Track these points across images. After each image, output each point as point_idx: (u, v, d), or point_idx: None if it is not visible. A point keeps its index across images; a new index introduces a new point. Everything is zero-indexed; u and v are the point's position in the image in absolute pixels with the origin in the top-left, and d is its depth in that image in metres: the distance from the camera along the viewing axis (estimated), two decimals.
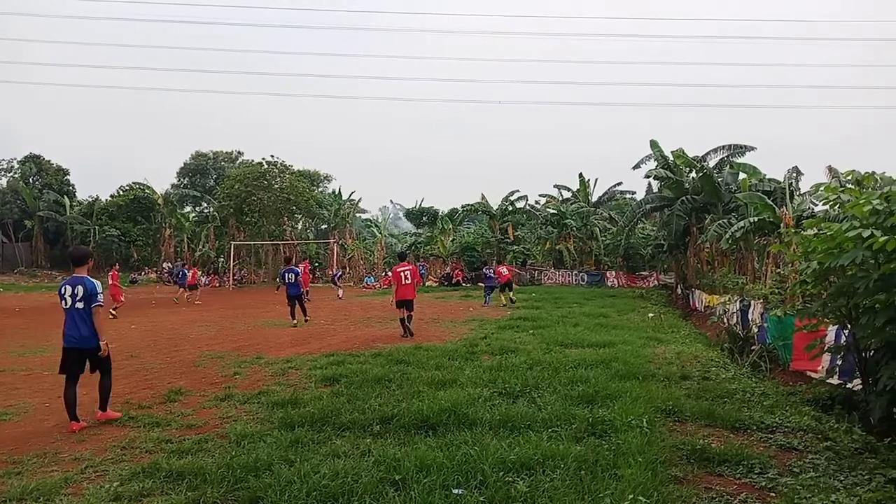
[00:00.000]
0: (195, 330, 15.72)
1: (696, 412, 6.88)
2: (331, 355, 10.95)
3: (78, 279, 6.93)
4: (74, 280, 6.93)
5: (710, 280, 24.08)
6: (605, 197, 45.00)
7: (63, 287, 6.96)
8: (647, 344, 12.46)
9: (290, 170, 44.47)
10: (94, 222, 45.86)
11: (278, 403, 7.33)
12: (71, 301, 6.83)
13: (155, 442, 5.96)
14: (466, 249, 42.93)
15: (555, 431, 5.98)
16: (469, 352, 11.11)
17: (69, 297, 6.85)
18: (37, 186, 48.52)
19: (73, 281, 6.93)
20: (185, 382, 8.87)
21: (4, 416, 7.14)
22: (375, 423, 6.32)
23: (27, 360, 10.95)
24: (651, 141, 30.53)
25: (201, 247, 47.26)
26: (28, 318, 19.27)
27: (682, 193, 28.28)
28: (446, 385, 8.09)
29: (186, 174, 59.16)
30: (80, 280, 6.91)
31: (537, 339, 13.00)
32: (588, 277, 39.06)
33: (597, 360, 9.92)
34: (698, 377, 9.05)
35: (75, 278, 6.96)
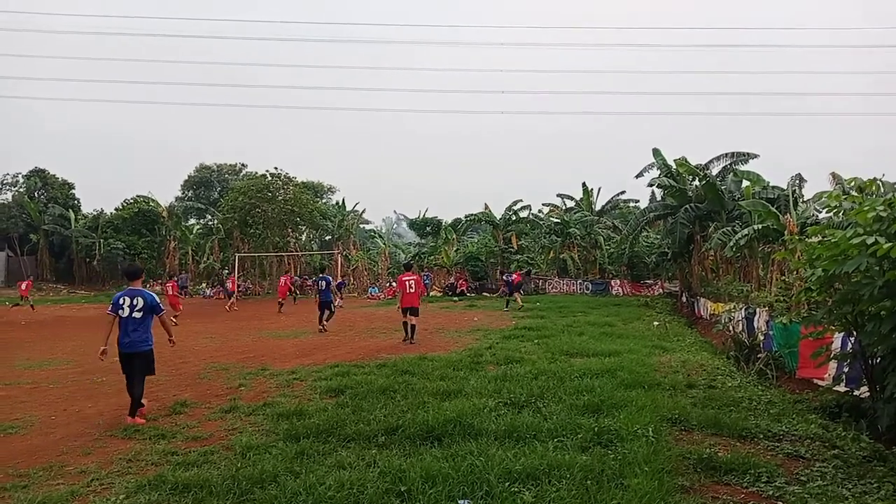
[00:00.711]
0: (200, 342, 15.73)
1: (702, 421, 6.86)
2: (336, 366, 10.95)
3: (136, 291, 7.66)
4: (132, 292, 7.63)
5: (715, 288, 24.01)
6: (608, 206, 44.97)
7: (122, 298, 7.59)
8: (652, 352, 12.44)
9: (294, 181, 44.59)
10: (100, 235, 45.98)
11: (283, 415, 7.33)
12: (129, 311, 7.53)
13: (161, 454, 5.96)
14: (470, 259, 42.93)
15: (560, 441, 5.97)
16: (474, 362, 11.10)
17: (128, 307, 7.53)
18: (42, 200, 48.72)
19: (131, 293, 7.62)
20: (191, 394, 8.87)
21: (10, 429, 7.14)
22: (381, 434, 6.31)
23: (33, 374, 10.97)
24: (654, 149, 30.56)
25: (206, 259, 47.35)
26: (33, 332, 19.31)
27: (685, 201, 28.26)
28: (451, 395, 8.09)
29: (191, 187, 59.37)
30: (139, 292, 7.67)
31: (542, 348, 12.98)
32: (592, 286, 38.99)
33: (602, 369, 9.91)
34: (704, 385, 9.02)
35: (133, 290, 7.66)
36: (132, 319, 7.53)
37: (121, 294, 7.69)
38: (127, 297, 7.60)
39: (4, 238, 46.22)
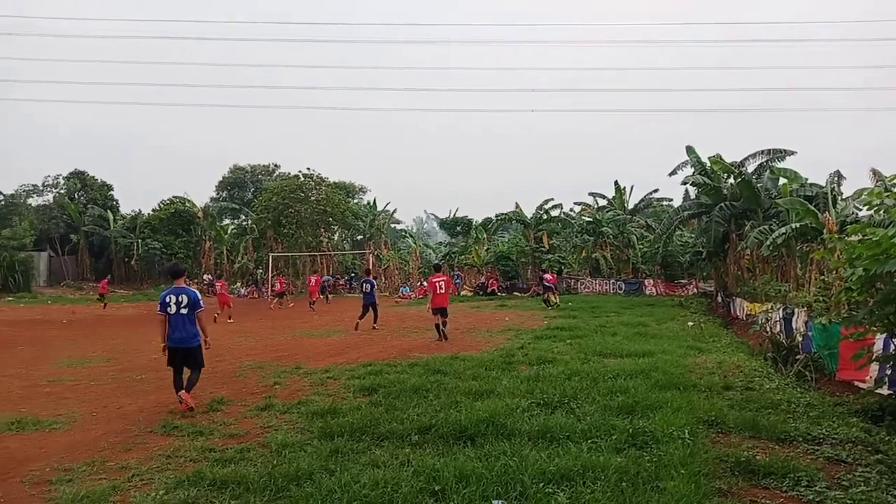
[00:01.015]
0: (235, 340, 15.97)
1: (739, 423, 6.75)
2: (368, 365, 11.04)
3: (180, 289, 8.05)
4: (177, 290, 8.03)
5: (752, 288, 23.58)
6: (641, 204, 44.50)
7: (168, 296, 7.99)
8: (687, 353, 12.28)
9: (326, 182, 45.00)
10: (137, 236, 46.95)
11: (318, 413, 7.42)
12: (176, 308, 7.93)
13: (199, 451, 6.07)
14: (501, 259, 42.84)
15: (594, 442, 5.93)
16: (506, 362, 11.08)
17: (174, 304, 7.93)
18: (82, 202, 49.85)
19: (176, 291, 8.03)
20: (227, 392, 9.02)
21: (54, 424, 7.33)
22: (414, 433, 6.34)
23: (74, 371, 11.25)
24: (687, 147, 30.11)
25: (240, 258, 48.02)
26: (74, 330, 19.80)
27: (720, 199, 27.81)
28: (484, 395, 8.09)
29: (225, 187, 60.24)
30: (183, 290, 8.06)
31: (575, 349, 12.90)
32: (625, 286, 38.63)
33: (636, 370, 9.81)
34: (741, 387, 8.88)
35: (177, 289, 8.06)
36: (179, 316, 7.95)
37: (167, 293, 8.08)
38: (172, 294, 7.99)
39: (46, 238, 47.40)
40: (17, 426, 7.20)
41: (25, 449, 6.35)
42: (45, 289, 42.54)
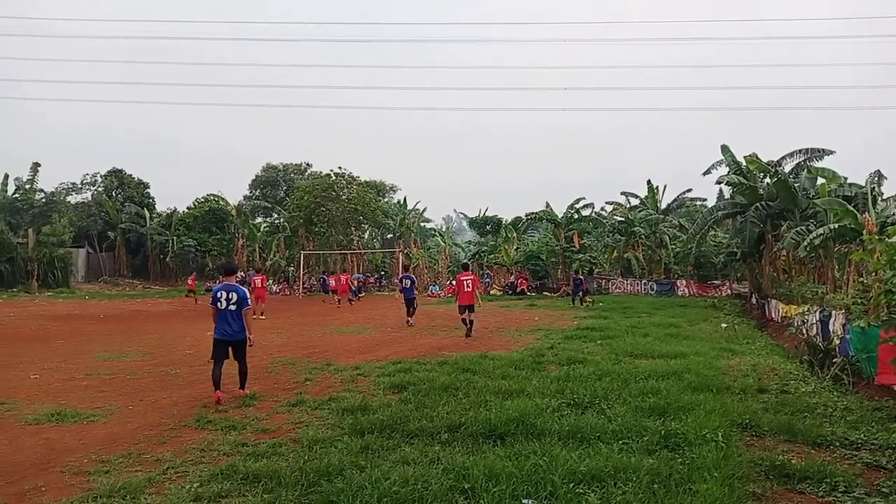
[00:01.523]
0: (267, 337, 16.15)
1: (774, 427, 6.65)
2: (398, 363, 11.09)
3: (231, 286, 8.59)
4: (228, 287, 8.56)
5: (787, 289, 23.13)
6: (674, 204, 43.92)
7: (219, 292, 8.50)
8: (720, 355, 12.11)
9: (357, 181, 45.24)
10: (172, 233, 47.76)
11: (348, 410, 7.48)
12: (226, 303, 8.42)
13: (232, 445, 6.17)
14: (531, 258, 42.64)
15: (626, 443, 5.89)
16: (536, 361, 11.05)
17: (224, 300, 8.43)
18: (119, 199, 50.87)
19: (227, 287, 8.55)
20: (259, 388, 9.13)
21: (92, 417, 7.50)
22: (443, 431, 6.36)
23: (111, 365, 11.49)
24: (722, 146, 29.63)
25: (272, 256, 48.57)
26: (111, 325, 20.22)
27: (755, 199, 27.32)
28: (513, 395, 8.08)
29: (258, 186, 60.95)
30: (234, 287, 8.60)
31: (605, 349, 12.80)
32: (657, 286, 38.18)
33: (668, 371, 9.71)
34: (776, 390, 8.74)
35: (228, 286, 8.59)
36: (229, 312, 8.43)
37: (218, 288, 8.60)
38: (223, 291, 8.50)
39: (84, 235, 48.45)
40: (57, 418, 7.39)
41: (65, 440, 6.52)
42: (83, 284, 43.53)
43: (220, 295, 8.46)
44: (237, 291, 8.54)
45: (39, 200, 45.75)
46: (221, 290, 8.52)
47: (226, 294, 8.46)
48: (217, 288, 8.64)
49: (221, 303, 8.42)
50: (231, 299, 8.43)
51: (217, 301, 8.44)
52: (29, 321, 20.97)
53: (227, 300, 8.42)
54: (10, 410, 7.82)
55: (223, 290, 8.50)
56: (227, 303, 8.42)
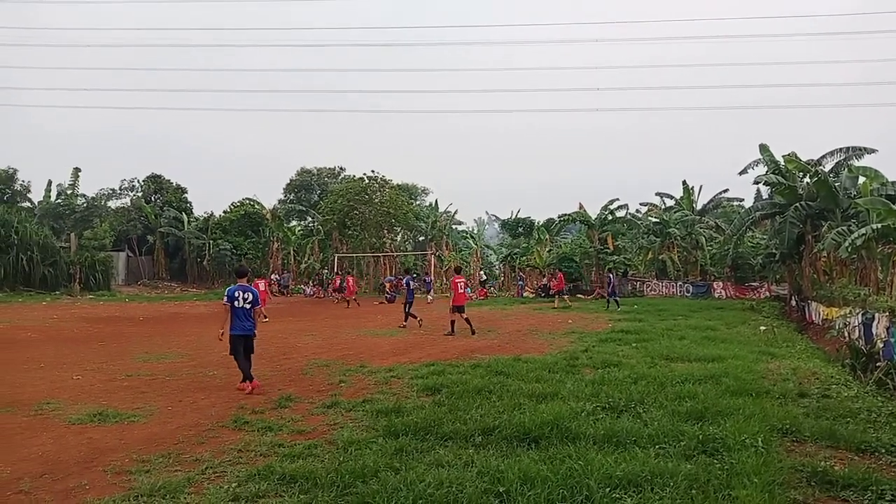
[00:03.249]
0: (302, 339, 16.34)
1: (815, 432, 6.50)
2: (431, 365, 11.11)
3: (246, 287, 9.56)
4: (244, 288, 9.51)
5: (829, 291, 22.61)
6: (710, 205, 43.27)
7: (236, 291, 9.39)
8: (759, 359, 11.88)
9: (390, 184, 45.53)
10: (209, 237, 48.56)
11: (382, 412, 7.52)
12: (242, 302, 9.34)
13: (268, 446, 6.25)
14: (564, 260, 42.34)
15: (662, 448, 5.81)
16: (570, 365, 10.97)
17: (242, 299, 9.35)
18: (158, 204, 51.96)
19: (242, 288, 9.49)
20: (295, 389, 9.24)
21: (133, 417, 7.66)
22: (477, 434, 6.35)
23: (151, 366, 11.71)
24: (761, 145, 29.10)
25: (306, 259, 49.10)
26: (151, 327, 20.63)
27: (795, 199, 26.77)
28: (547, 398, 8.03)
29: (292, 190, 61.67)
30: (248, 288, 9.58)
31: (641, 352, 12.66)
32: (693, 288, 37.62)
33: (705, 374, 9.56)
34: (817, 395, 8.54)
35: (243, 286, 9.53)
36: (244, 310, 9.37)
37: (234, 288, 9.46)
38: (240, 291, 9.40)
39: (125, 239, 49.61)
40: (100, 418, 7.56)
41: (107, 440, 6.67)
42: (123, 287, 44.49)
43: (238, 294, 9.35)
44: (252, 292, 9.53)
45: (81, 205, 47.04)
46: (238, 290, 9.42)
47: (242, 294, 9.39)
48: (233, 288, 9.48)
49: (239, 301, 9.31)
50: (247, 298, 9.40)
51: (234, 300, 9.29)
52: (71, 323, 21.49)
53: (243, 299, 9.36)
54: (55, 410, 8.03)
55: (239, 290, 9.41)
56: (244, 301, 9.37)
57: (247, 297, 9.41)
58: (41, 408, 8.13)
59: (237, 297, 9.33)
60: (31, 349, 14.37)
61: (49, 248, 38.74)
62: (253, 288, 9.72)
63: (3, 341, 15.91)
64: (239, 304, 9.32)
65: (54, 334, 17.85)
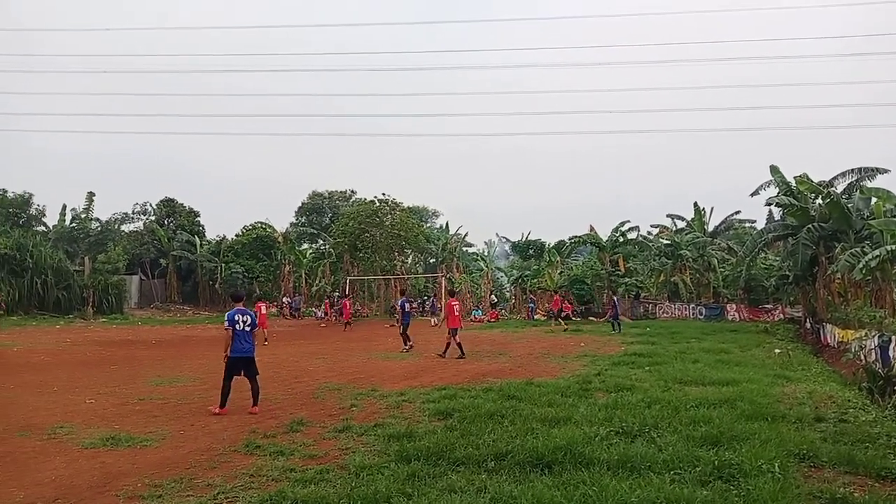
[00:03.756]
0: (313, 362, 16.33)
1: (833, 457, 6.41)
2: (443, 389, 11.07)
3: (245, 311, 9.88)
4: (243, 311, 9.83)
5: (843, 313, 22.38)
6: (722, 226, 43.13)
7: (236, 315, 9.68)
8: (774, 382, 11.75)
9: (401, 207, 45.72)
10: (221, 260, 48.82)
11: (394, 436, 7.49)
12: (243, 325, 9.66)
13: (280, 471, 6.23)
14: (575, 282, 42.18)
15: (678, 474, 5.75)
16: (582, 388, 10.90)
17: (242, 322, 9.66)
18: (171, 228, 52.38)
19: (242, 312, 9.80)
20: (306, 413, 9.22)
21: (145, 441, 7.67)
22: (490, 459, 6.31)
23: (163, 390, 11.74)
24: (771, 166, 29.10)
25: (318, 282, 49.20)
26: (163, 350, 20.70)
27: (807, 221, 26.65)
28: (560, 422, 7.98)
29: (304, 213, 62.00)
30: (247, 312, 9.93)
31: (654, 376, 12.56)
32: (706, 311, 37.34)
33: (720, 398, 9.47)
34: (834, 419, 8.42)
35: (242, 310, 9.85)
36: (245, 332, 9.69)
37: (234, 312, 9.74)
38: (239, 314, 9.71)
39: (137, 263, 49.94)
40: (112, 442, 7.58)
41: (119, 464, 6.68)
42: (135, 310, 44.70)
43: (237, 318, 9.65)
44: (250, 315, 9.91)
45: (95, 229, 47.47)
46: (237, 313, 9.71)
47: (241, 317, 9.69)
48: (232, 312, 9.76)
49: (239, 324, 9.62)
50: (246, 321, 9.74)
51: (235, 323, 9.58)
52: (84, 347, 21.61)
53: (243, 322, 9.68)
54: (68, 434, 8.06)
55: (239, 314, 9.71)
56: (244, 325, 9.69)
57: (246, 321, 9.75)
58: (55, 431, 8.16)
59: (237, 320, 9.63)
60: (44, 372, 14.46)
61: (63, 272, 39.08)
62: (251, 311, 10.14)
63: (18, 364, 16.02)
64: (239, 326, 9.64)
65: (67, 358, 17.95)
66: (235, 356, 9.58)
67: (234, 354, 9.57)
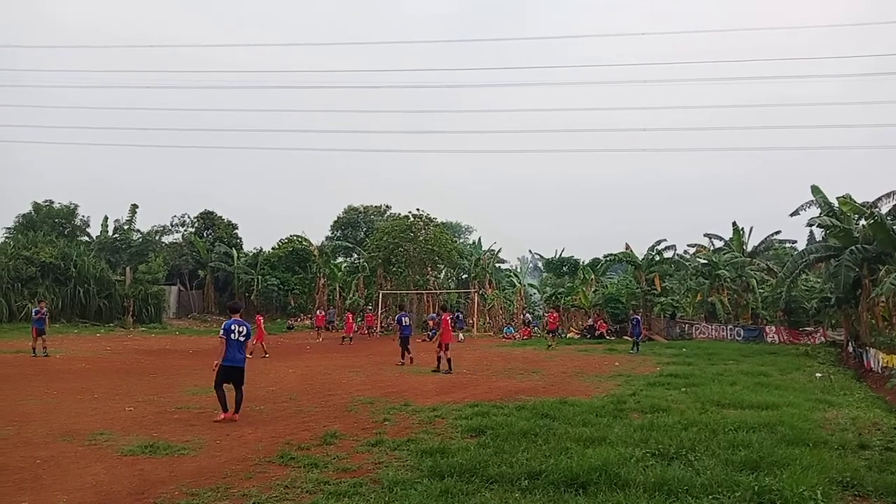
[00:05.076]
0: (346, 375, 16.43)
1: (879, 486, 6.20)
2: (475, 405, 11.02)
3: (240, 322, 10.25)
4: (239, 322, 10.21)
5: (888, 338, 21.74)
6: (761, 247, 42.30)
7: (232, 325, 10.10)
8: (815, 407, 11.44)
9: (434, 222, 45.87)
10: (258, 272, 49.51)
11: (427, 452, 7.47)
12: (237, 335, 10.07)
13: (314, 483, 6.27)
14: (610, 301, 41.73)
15: (716, 499, 5.63)
16: (617, 409, 10.74)
17: (237, 332, 10.07)
18: (209, 240, 53.35)
19: (237, 322, 10.19)
20: (340, 426, 9.26)
21: (183, 450, 7.78)
22: (523, 478, 6.26)
23: (200, 400, 11.89)
24: (812, 186, 28.53)
25: (351, 295, 49.52)
26: (199, 360, 20.96)
27: (850, 243, 26.00)
28: (595, 442, 7.88)
29: (339, 227, 62.52)
30: (242, 322, 10.29)
31: (691, 397, 12.33)
32: (744, 332, 36.55)
33: (759, 422, 9.24)
34: (880, 447, 8.15)
35: (238, 321, 10.23)
36: (238, 342, 10.12)
37: (231, 322, 10.16)
38: (235, 325, 10.13)
39: (176, 273, 50.93)
40: (150, 450, 7.70)
41: (157, 472, 6.79)
42: (174, 320, 45.53)
43: (233, 328, 10.07)
44: (245, 326, 10.31)
45: (136, 240, 48.55)
46: (233, 324, 10.12)
47: (237, 328, 10.10)
48: (229, 322, 10.16)
49: (234, 334, 10.03)
50: (242, 332, 10.14)
51: (230, 333, 10.00)
52: (124, 355, 22.08)
53: (238, 332, 10.08)
54: (108, 441, 8.22)
55: (235, 325, 10.11)
56: (239, 335, 10.09)
57: (241, 331, 10.14)
58: (95, 438, 8.33)
59: (233, 329, 10.03)
60: (85, 379, 14.80)
61: (105, 282, 40.03)
62: (245, 322, 10.46)
63: (60, 371, 16.43)
64: (234, 336, 10.03)
65: (107, 366, 18.34)
66: (227, 365, 9.92)
67: (226, 363, 9.91)
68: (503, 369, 18.71)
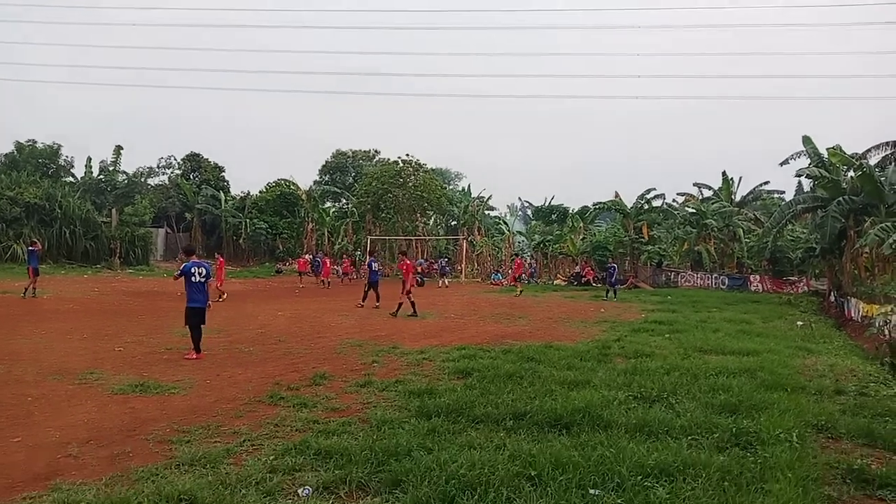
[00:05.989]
0: (335, 319, 16.56)
1: (852, 430, 6.42)
2: (462, 349, 11.20)
3: (200, 263, 10.63)
4: (199, 264, 10.55)
5: (869, 288, 22.06)
6: (749, 196, 42.41)
7: (193, 267, 10.35)
8: (795, 354, 11.72)
9: (424, 168, 45.57)
10: (245, 216, 49.26)
11: (414, 393, 7.61)
12: (198, 276, 10.33)
13: (304, 422, 6.39)
14: (598, 248, 41.96)
15: (695, 439, 5.80)
16: (602, 353, 10.94)
17: (198, 274, 10.33)
18: (196, 182, 52.79)
19: (198, 264, 10.51)
20: (329, 368, 9.39)
21: (173, 389, 7.88)
22: (508, 418, 6.40)
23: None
24: (804, 137, 28.48)
25: (340, 240, 49.50)
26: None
27: (838, 194, 26.13)
28: (579, 385, 8.05)
29: (328, 171, 61.94)
30: (202, 264, 10.67)
31: (674, 343, 12.57)
32: (729, 281, 37.00)
33: (740, 368, 9.47)
34: (854, 392, 8.40)
35: (198, 262, 10.58)
36: (200, 284, 10.36)
37: (191, 265, 10.38)
38: (195, 267, 10.36)
39: (163, 216, 50.57)
40: (141, 389, 7.81)
41: (148, 409, 6.89)
42: (161, 263, 45.44)
43: (195, 269, 10.32)
44: (206, 267, 10.63)
45: (122, 182, 47.96)
46: (193, 266, 10.35)
47: (197, 269, 10.35)
48: (189, 264, 10.37)
49: (195, 276, 10.26)
50: (202, 273, 10.40)
51: (191, 275, 10.23)
52: (112, 297, 22.08)
53: (199, 274, 10.33)
54: (98, 380, 8.30)
55: (195, 267, 10.34)
56: (199, 276, 10.33)
57: (202, 272, 10.40)
58: (85, 377, 8.41)
59: (194, 272, 10.26)
60: (74, 320, 14.85)
61: (91, 223, 39.70)
62: (205, 263, 10.90)
63: (48, 311, 16.45)
64: (195, 279, 10.26)
65: (96, 307, 18.37)
66: (192, 307, 10.23)
67: (191, 305, 10.23)
68: (490, 314, 18.92)
